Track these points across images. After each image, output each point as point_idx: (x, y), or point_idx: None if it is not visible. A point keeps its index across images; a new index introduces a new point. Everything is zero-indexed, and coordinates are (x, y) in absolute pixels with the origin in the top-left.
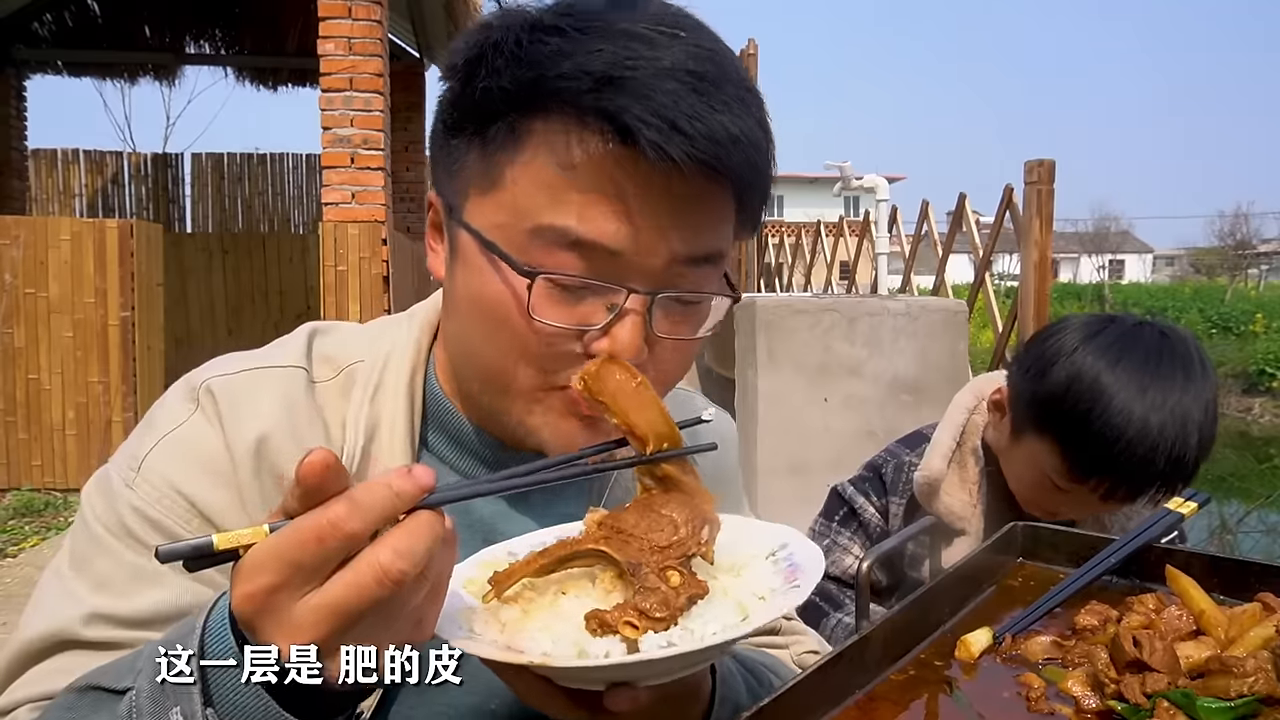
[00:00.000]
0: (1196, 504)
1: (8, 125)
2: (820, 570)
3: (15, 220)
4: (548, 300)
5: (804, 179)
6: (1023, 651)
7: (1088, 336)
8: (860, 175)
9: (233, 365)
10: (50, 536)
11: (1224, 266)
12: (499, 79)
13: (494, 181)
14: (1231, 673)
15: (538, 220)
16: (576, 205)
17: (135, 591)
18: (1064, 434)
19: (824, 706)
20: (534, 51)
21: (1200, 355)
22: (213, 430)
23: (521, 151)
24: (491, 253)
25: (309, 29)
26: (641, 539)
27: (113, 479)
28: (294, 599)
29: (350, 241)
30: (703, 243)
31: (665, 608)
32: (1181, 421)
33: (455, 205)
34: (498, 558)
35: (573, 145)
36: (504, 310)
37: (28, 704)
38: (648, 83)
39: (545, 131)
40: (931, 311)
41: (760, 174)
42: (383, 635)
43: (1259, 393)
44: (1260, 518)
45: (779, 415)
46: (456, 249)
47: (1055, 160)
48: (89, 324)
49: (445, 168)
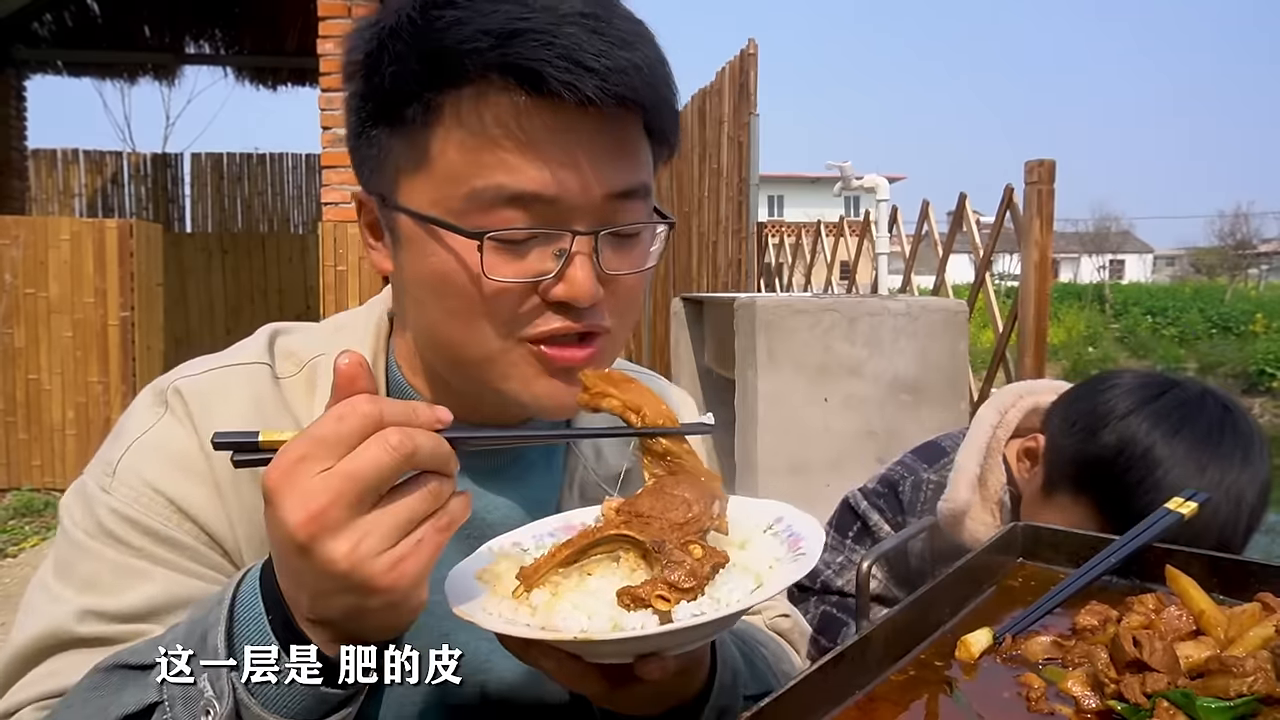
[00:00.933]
0: (1196, 504)
1: (8, 125)
2: (821, 537)
3: (15, 220)
4: (497, 259)
5: (804, 179)
6: (1023, 651)
7: (1145, 400)
8: (860, 175)
9: (196, 367)
10: (50, 536)
11: (1224, 266)
12: (404, 63)
13: (420, 160)
14: (1231, 673)
15: (471, 184)
16: (504, 162)
17: (124, 588)
18: (1107, 501)
19: (824, 706)
20: (431, 27)
21: (1260, 435)
22: (184, 430)
23: (440, 125)
24: (434, 226)
25: (309, 29)
26: (660, 519)
27: (89, 486)
28: (314, 469)
29: (350, 241)
30: (628, 176)
31: (693, 578)
32: (1236, 502)
33: (387, 194)
34: (505, 550)
35: (488, 106)
36: (457, 279)
37: (30, 705)
38: (547, 29)
39: (459, 100)
40: (931, 311)
41: (667, 97)
42: (388, 530)
43: (1259, 393)
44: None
45: (779, 415)
46: (399, 236)
47: (1055, 160)
48: (89, 324)
49: (369, 163)
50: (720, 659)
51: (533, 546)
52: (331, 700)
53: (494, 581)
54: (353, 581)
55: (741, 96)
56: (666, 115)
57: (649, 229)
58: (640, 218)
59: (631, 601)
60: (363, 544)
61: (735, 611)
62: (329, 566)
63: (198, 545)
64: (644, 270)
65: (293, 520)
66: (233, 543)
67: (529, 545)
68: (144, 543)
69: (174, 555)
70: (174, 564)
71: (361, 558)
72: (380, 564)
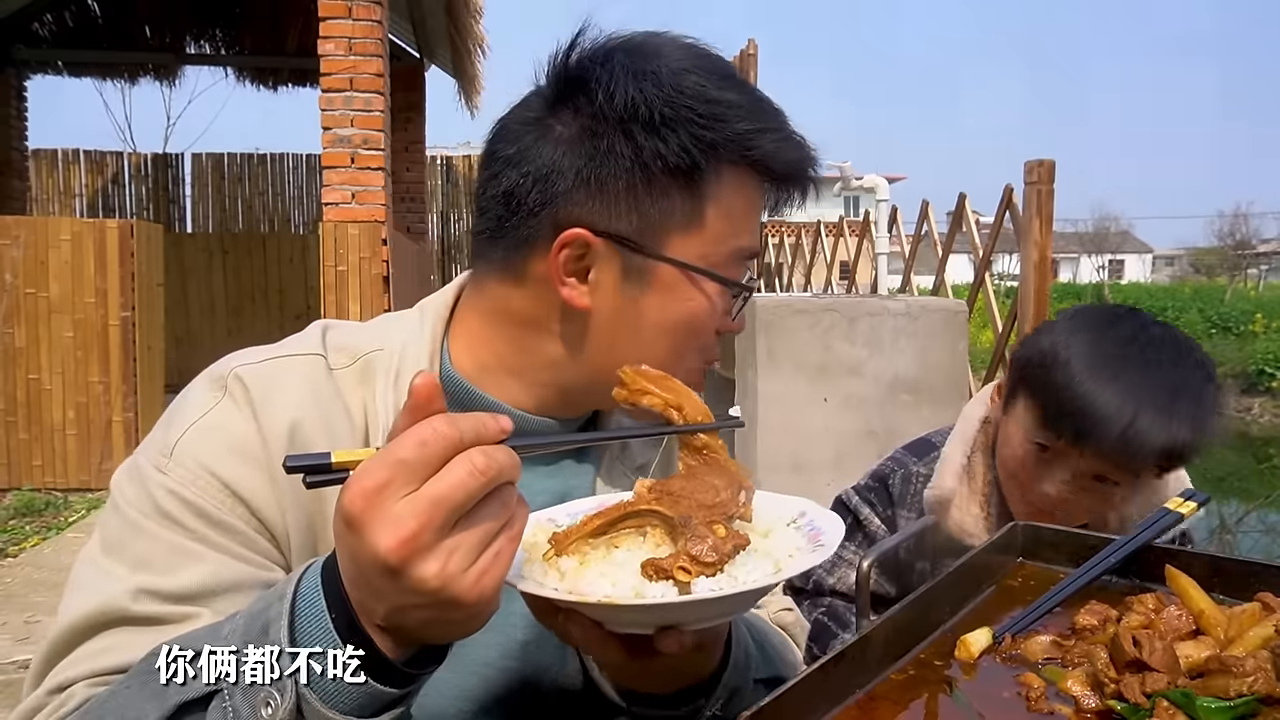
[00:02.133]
0: (1196, 504)
1: (8, 125)
2: (840, 532)
3: (15, 220)
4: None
5: None
6: (1023, 651)
7: (1081, 313)
8: (860, 175)
9: (255, 356)
10: (50, 536)
11: (1224, 266)
12: (701, 144)
13: (696, 221)
14: (1231, 672)
15: (736, 244)
16: (748, 229)
17: (177, 567)
18: (1036, 397)
19: (824, 706)
20: (724, 128)
21: (1198, 350)
22: (243, 416)
23: (720, 193)
24: (707, 278)
25: (309, 29)
26: (689, 499)
27: (143, 466)
28: (398, 495)
29: (350, 241)
30: None
31: (715, 553)
32: (1161, 391)
33: (645, 243)
34: (540, 522)
35: (751, 185)
36: (704, 320)
37: (82, 680)
38: (783, 143)
39: (734, 176)
40: (931, 311)
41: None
42: (471, 546)
43: (1259, 393)
44: (1260, 518)
45: (779, 415)
46: (649, 280)
47: (1055, 160)
48: (89, 324)
49: (610, 208)
50: (734, 639)
51: (566, 522)
52: (386, 698)
53: (530, 550)
54: (441, 599)
55: None
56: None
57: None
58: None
59: (655, 572)
60: (450, 563)
61: (752, 590)
62: (419, 586)
63: (249, 531)
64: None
65: (384, 546)
66: (282, 530)
67: (563, 521)
68: (198, 525)
69: (226, 539)
70: (225, 548)
71: (450, 576)
72: (467, 580)
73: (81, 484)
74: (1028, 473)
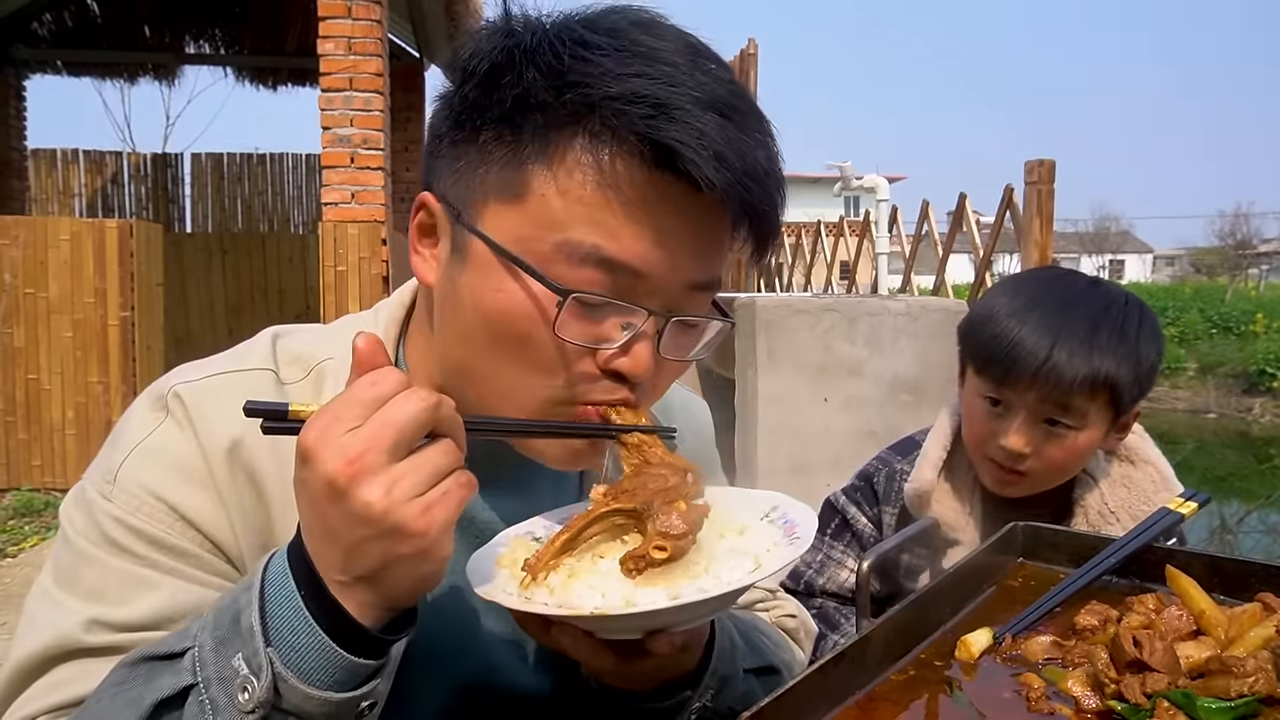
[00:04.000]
0: (1196, 504)
1: (8, 125)
2: (814, 523)
3: (15, 220)
4: (569, 317)
5: (804, 179)
6: (1023, 651)
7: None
8: (860, 175)
9: (197, 372)
10: (50, 536)
11: (1224, 266)
12: (538, 91)
13: (517, 192)
14: (1231, 673)
15: (568, 234)
16: (605, 224)
17: (130, 598)
18: (971, 343)
19: (824, 706)
20: (578, 68)
21: (1131, 296)
22: (184, 436)
23: (557, 165)
24: (517, 267)
25: (309, 29)
26: (642, 489)
27: (89, 494)
28: (349, 425)
29: (350, 241)
30: (712, 269)
31: (683, 522)
32: (1080, 323)
33: (464, 210)
34: (518, 536)
35: (616, 165)
36: (525, 325)
37: (40, 716)
38: (693, 113)
39: (586, 148)
40: (931, 311)
41: (778, 208)
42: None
43: (1259, 393)
44: (1260, 518)
45: (779, 415)
46: (465, 255)
47: (1055, 160)
48: (89, 324)
49: (449, 170)
50: (718, 629)
51: (544, 535)
52: (364, 671)
53: (512, 566)
54: (387, 524)
55: None
56: (770, 223)
57: (706, 322)
58: (706, 309)
59: (633, 562)
60: (396, 488)
61: (738, 588)
62: (365, 510)
63: (201, 552)
64: (691, 360)
65: (331, 467)
66: (236, 549)
67: (540, 534)
68: (148, 551)
69: (179, 563)
70: (180, 572)
71: (395, 501)
72: (412, 509)
73: None
74: (987, 431)
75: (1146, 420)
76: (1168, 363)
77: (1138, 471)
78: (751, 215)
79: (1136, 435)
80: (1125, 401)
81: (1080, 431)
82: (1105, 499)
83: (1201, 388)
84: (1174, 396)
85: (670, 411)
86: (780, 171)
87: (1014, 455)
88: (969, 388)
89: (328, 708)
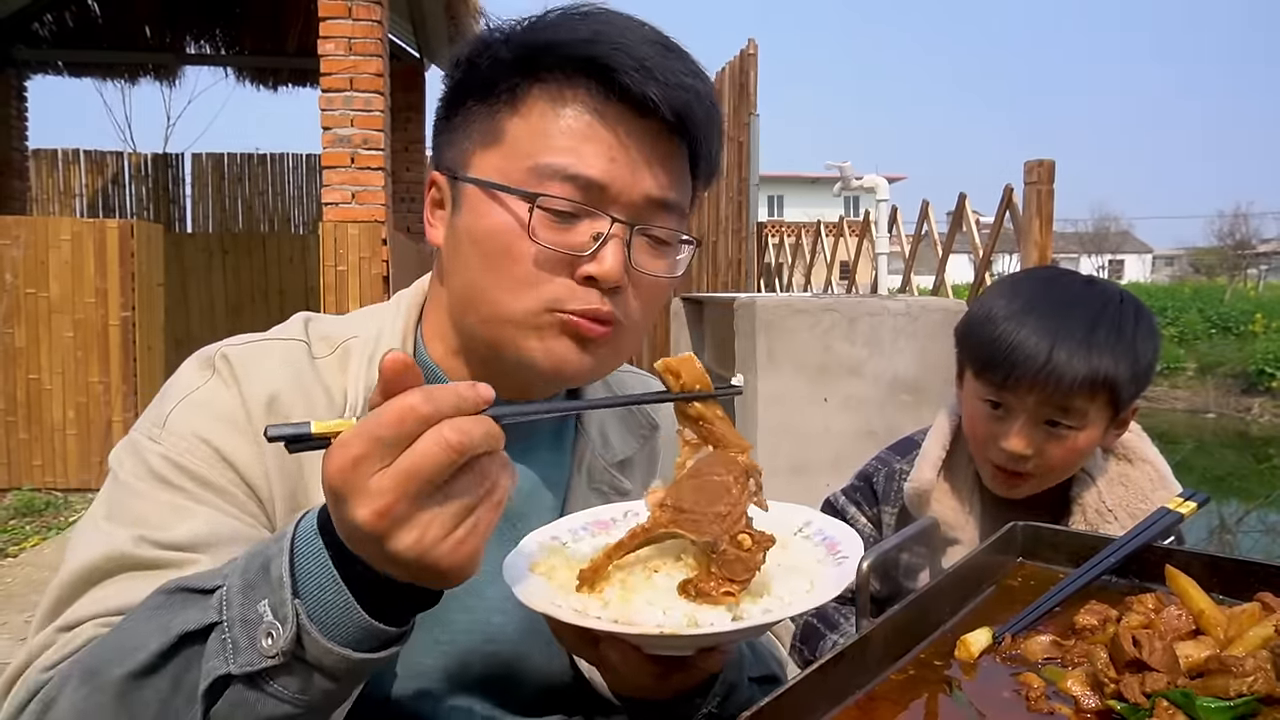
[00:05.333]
0: (1196, 504)
1: (8, 125)
2: (859, 542)
3: (16, 220)
4: (543, 226)
5: (804, 179)
6: (1022, 651)
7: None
8: (860, 175)
9: (240, 339)
10: (50, 536)
11: (1223, 266)
12: (503, 57)
13: (495, 137)
14: (1231, 672)
15: (536, 160)
16: (568, 147)
17: (174, 523)
18: (970, 347)
19: (824, 706)
20: (531, 31)
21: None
22: (230, 391)
23: (520, 107)
24: (495, 190)
25: (309, 29)
26: (704, 513)
27: (138, 439)
28: (374, 469)
29: (350, 241)
30: (670, 189)
31: (747, 570)
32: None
33: (458, 168)
34: (543, 541)
35: (566, 94)
36: (506, 237)
37: (90, 620)
38: (630, 44)
39: (542, 88)
40: (931, 311)
41: (714, 132)
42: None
43: (1258, 393)
44: (1260, 518)
45: (779, 416)
46: (460, 203)
47: (1055, 160)
48: (89, 324)
49: (448, 143)
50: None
51: (570, 540)
52: (383, 635)
53: (550, 574)
54: (420, 566)
55: (741, 97)
56: (712, 146)
57: (677, 247)
58: (672, 228)
59: (697, 594)
60: (427, 534)
61: (800, 610)
62: (398, 556)
63: (238, 493)
64: (668, 278)
65: (361, 518)
66: (268, 495)
67: (566, 539)
68: (191, 485)
69: (217, 499)
70: (218, 506)
71: (426, 547)
72: (443, 549)
73: (81, 484)
74: (989, 434)
75: (1146, 420)
76: (1167, 363)
77: (1135, 470)
78: (691, 131)
79: (1134, 434)
80: (1124, 399)
81: (1081, 431)
82: (1103, 497)
83: (1200, 388)
84: (1173, 396)
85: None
86: (711, 103)
87: (1016, 458)
88: (968, 391)
89: (347, 664)
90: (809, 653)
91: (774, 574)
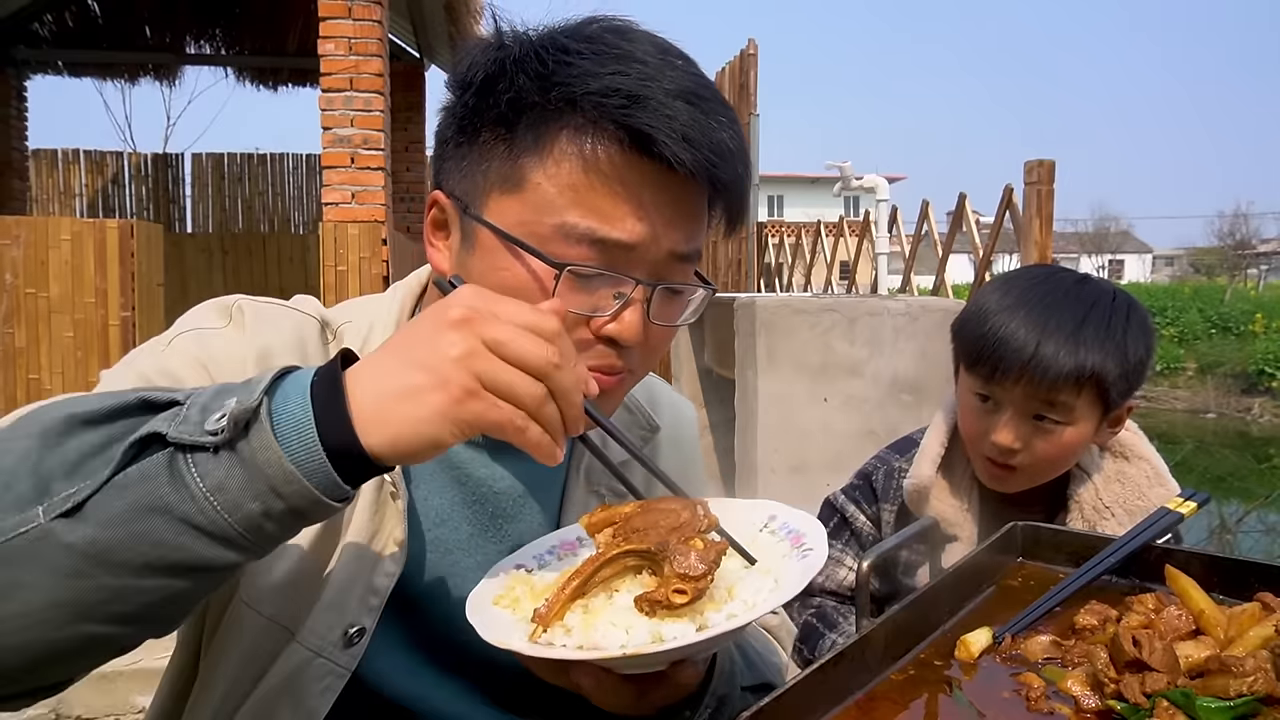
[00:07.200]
0: (1196, 504)
1: (8, 125)
2: (822, 531)
3: (16, 220)
4: (565, 288)
5: (804, 179)
6: (1023, 651)
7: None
8: (860, 175)
9: (260, 298)
10: None
11: (1223, 266)
12: (527, 94)
13: (517, 183)
14: (1231, 672)
15: (563, 217)
16: (597, 208)
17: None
18: (962, 341)
19: (824, 706)
20: (561, 71)
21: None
22: (240, 338)
23: (548, 156)
24: (518, 247)
25: (309, 29)
26: (654, 528)
27: (133, 355)
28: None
29: (350, 241)
30: (692, 242)
31: (701, 563)
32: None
33: (471, 203)
34: (509, 571)
35: (598, 152)
36: (527, 295)
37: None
38: (663, 102)
39: (571, 140)
40: (931, 311)
41: (743, 183)
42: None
43: (1259, 393)
44: (1260, 518)
45: (779, 415)
46: (474, 243)
47: (1055, 160)
48: (89, 324)
49: (458, 169)
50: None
51: (535, 566)
52: (322, 474)
53: (513, 606)
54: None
55: (741, 97)
56: (737, 197)
57: (691, 290)
58: (689, 279)
59: (649, 605)
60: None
61: (765, 611)
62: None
63: None
64: (679, 325)
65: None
66: None
67: (531, 565)
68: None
69: None
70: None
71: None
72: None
73: None
74: (979, 428)
75: (1145, 420)
76: (1167, 363)
77: (1132, 467)
78: (720, 189)
79: (1130, 431)
80: (1114, 396)
81: (1068, 426)
82: (1100, 494)
83: (1200, 388)
84: (1173, 396)
85: (658, 406)
86: (744, 150)
87: (1004, 450)
88: (961, 385)
89: (276, 474)
90: (808, 651)
91: (738, 577)
